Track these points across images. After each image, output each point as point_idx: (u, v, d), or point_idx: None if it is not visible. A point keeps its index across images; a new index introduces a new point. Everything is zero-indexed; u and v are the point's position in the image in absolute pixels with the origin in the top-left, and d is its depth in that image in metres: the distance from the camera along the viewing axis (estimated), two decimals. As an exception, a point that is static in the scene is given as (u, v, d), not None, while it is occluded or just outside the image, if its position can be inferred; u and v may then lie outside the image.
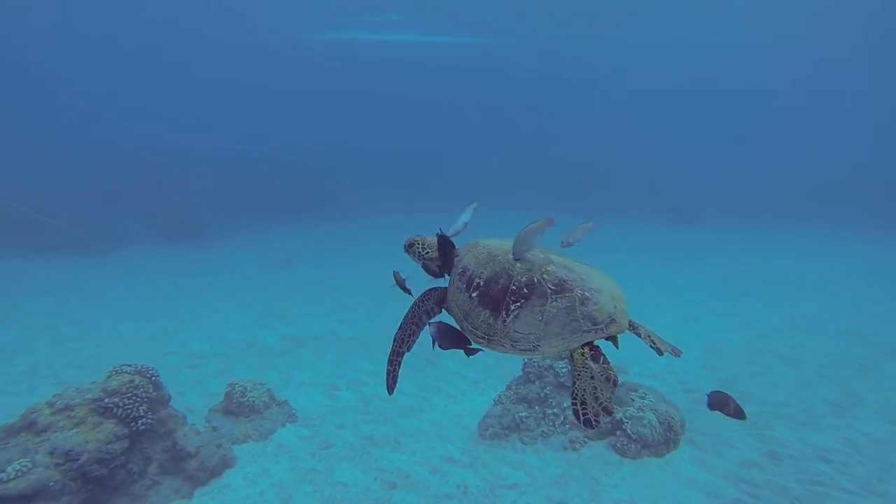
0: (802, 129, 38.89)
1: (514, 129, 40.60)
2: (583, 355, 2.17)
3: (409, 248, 2.72)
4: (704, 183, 28.56)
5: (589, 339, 2.17)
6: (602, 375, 2.12)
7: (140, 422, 5.23)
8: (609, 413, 2.10)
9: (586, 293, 2.20)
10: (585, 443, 5.99)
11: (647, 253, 17.97)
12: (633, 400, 6.04)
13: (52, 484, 4.48)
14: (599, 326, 2.16)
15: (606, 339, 2.23)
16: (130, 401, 5.25)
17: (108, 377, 5.48)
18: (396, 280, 2.91)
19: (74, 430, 4.88)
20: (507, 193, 27.56)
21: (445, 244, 2.59)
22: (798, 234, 21.39)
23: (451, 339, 2.45)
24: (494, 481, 5.40)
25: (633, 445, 5.65)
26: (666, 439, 5.69)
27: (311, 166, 25.61)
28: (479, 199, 2.89)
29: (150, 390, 5.51)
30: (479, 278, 2.35)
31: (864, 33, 27.47)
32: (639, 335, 2.33)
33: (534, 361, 6.84)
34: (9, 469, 4.38)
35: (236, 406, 6.52)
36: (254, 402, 6.50)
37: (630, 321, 2.29)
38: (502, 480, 5.41)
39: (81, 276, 14.72)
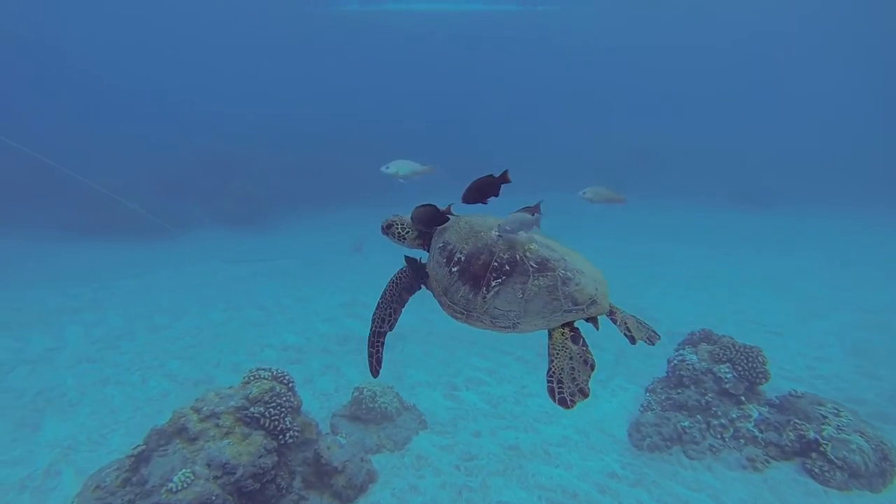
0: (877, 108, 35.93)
1: (575, 108, 38.81)
2: (563, 335, 2.14)
3: (388, 229, 2.63)
4: (774, 165, 26.72)
5: (569, 319, 2.13)
6: (580, 357, 2.09)
7: (287, 434, 4.82)
8: (585, 395, 2.04)
9: (568, 273, 2.17)
10: (768, 462, 5.27)
11: (728, 239, 16.81)
12: (825, 417, 5.26)
13: (214, 498, 4.17)
14: (581, 307, 2.12)
15: (586, 320, 2.19)
16: (276, 411, 4.84)
17: (247, 382, 5.08)
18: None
19: (226, 441, 4.50)
20: (562, 175, 26.50)
21: (429, 215, 2.47)
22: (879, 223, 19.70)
23: None
24: (677, 506, 4.76)
25: (838, 473, 4.88)
26: (881, 471, 4.88)
27: (369, 147, 24.99)
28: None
29: (291, 399, 5.08)
30: (461, 253, 2.30)
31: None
32: (614, 321, 2.25)
33: (687, 364, 6.13)
34: (175, 479, 4.13)
35: (365, 412, 6.05)
36: (385, 408, 6.02)
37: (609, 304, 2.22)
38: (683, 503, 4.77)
39: (155, 260, 14.65)
